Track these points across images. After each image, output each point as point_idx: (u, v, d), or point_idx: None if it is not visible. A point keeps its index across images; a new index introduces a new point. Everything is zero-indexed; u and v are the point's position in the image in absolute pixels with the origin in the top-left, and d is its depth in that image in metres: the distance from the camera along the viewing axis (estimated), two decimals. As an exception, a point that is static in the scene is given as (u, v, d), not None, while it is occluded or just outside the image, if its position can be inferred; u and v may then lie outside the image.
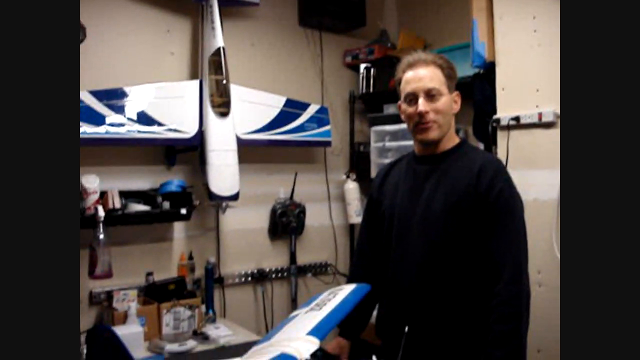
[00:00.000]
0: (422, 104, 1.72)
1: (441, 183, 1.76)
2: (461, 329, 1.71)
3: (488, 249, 1.65)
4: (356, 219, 3.16)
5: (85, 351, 1.63)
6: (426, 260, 1.73)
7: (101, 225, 2.31)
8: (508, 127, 2.39)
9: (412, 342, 1.67)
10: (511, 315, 1.58)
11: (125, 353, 1.48)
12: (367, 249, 1.98)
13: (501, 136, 2.44)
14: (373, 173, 3.06)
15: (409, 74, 1.77)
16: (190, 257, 2.78)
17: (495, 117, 2.46)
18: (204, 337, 2.43)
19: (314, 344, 1.27)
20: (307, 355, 1.21)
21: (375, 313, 1.99)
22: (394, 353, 1.22)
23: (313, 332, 1.35)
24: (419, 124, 1.75)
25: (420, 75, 1.74)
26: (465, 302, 1.71)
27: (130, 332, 2.20)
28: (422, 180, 1.81)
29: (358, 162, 3.30)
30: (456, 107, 1.81)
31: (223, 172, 2.62)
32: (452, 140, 1.81)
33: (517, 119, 2.36)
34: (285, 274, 3.10)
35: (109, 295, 2.52)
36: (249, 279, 3.00)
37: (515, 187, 1.72)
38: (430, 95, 1.73)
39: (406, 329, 1.30)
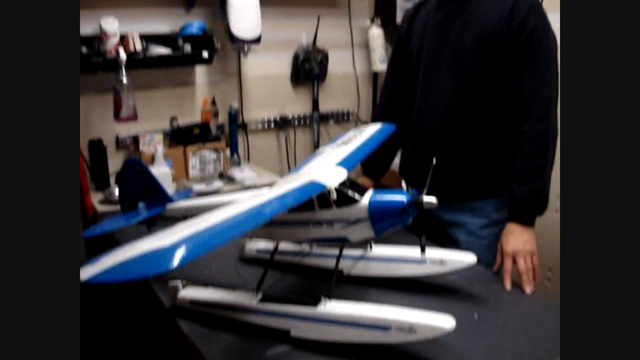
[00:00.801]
0: None
1: (472, 19, 1.67)
2: (487, 166, 1.72)
3: (518, 87, 1.61)
4: (380, 66, 3.09)
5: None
6: (455, 99, 1.70)
7: (123, 68, 2.28)
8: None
9: (438, 177, 1.70)
10: (537, 153, 1.58)
11: (156, 183, 1.52)
12: (393, 89, 1.95)
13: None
14: (399, 18, 2.93)
15: None
16: (213, 103, 2.77)
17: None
18: (230, 179, 2.50)
19: (342, 175, 1.29)
20: (336, 184, 1.23)
21: (399, 154, 2.02)
22: (419, 189, 1.23)
23: (341, 164, 1.37)
24: None
25: None
26: (492, 141, 1.70)
27: (158, 173, 2.25)
28: (452, 16, 1.72)
29: (383, 7, 3.15)
30: None
31: (244, 13, 2.52)
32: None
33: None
34: (307, 120, 3.10)
35: (135, 139, 2.56)
36: (272, 125, 3.01)
37: (550, 25, 1.63)
38: None
39: (434, 160, 1.31)
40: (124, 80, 2.27)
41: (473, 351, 1.16)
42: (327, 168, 1.34)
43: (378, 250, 1.48)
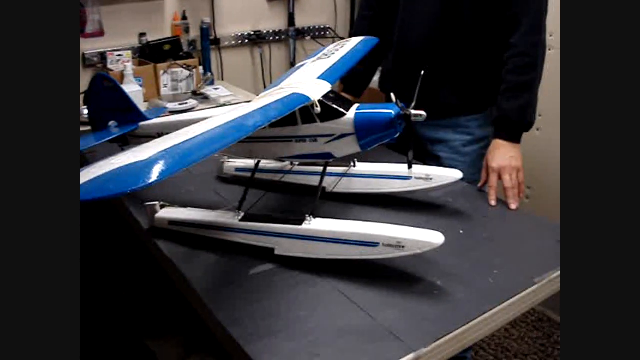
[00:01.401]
0: None
1: None
2: (472, 82, 1.66)
3: None
4: (358, -22, 2.94)
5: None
6: (440, 11, 1.61)
7: (86, -22, 2.12)
8: None
9: (420, 93, 1.64)
10: (527, 66, 1.52)
11: (128, 99, 1.44)
12: (373, 0, 1.84)
13: None
14: None
15: None
16: (184, 17, 2.62)
17: None
18: (204, 97, 2.41)
19: (325, 87, 1.23)
20: (320, 96, 1.17)
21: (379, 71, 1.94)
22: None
23: (324, 77, 1.30)
24: None
25: None
26: (477, 55, 1.63)
27: (129, 91, 2.12)
28: None
29: None
30: None
31: None
32: None
33: None
34: (283, 36, 2.97)
35: (103, 56, 2.42)
36: (246, 41, 2.88)
37: None
38: None
39: (422, 72, 1.24)
40: (88, -9, 2.11)
41: (460, 267, 1.15)
42: (309, 81, 1.27)
43: (362, 166, 1.44)
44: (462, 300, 1.05)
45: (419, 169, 1.38)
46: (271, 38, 2.94)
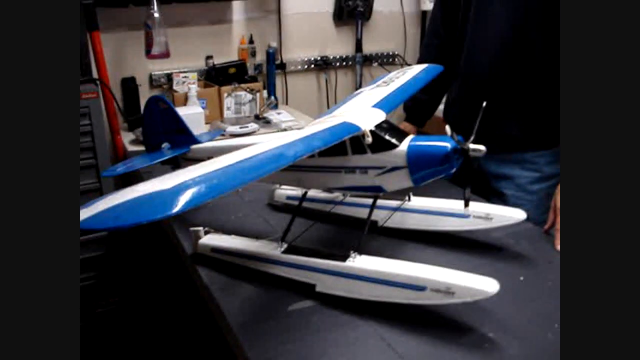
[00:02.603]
0: None
1: None
2: (541, 114, 1.56)
3: None
4: (429, 5, 2.87)
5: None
6: (509, 36, 1.52)
7: (155, 1, 2.17)
8: None
9: (485, 125, 1.55)
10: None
11: (181, 122, 1.43)
12: (440, 27, 1.77)
13: None
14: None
15: None
16: (251, 41, 2.64)
17: None
18: (266, 122, 2.39)
19: (379, 117, 1.16)
20: (372, 127, 1.11)
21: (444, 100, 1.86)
22: (465, 136, 1.09)
23: (379, 105, 1.23)
24: None
25: None
26: (548, 85, 1.53)
27: (191, 113, 2.17)
28: None
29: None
30: None
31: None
32: None
33: None
34: (350, 62, 2.93)
35: (169, 77, 2.47)
36: (312, 66, 2.87)
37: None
38: None
39: (484, 103, 1.16)
40: (156, 14, 2.16)
41: (516, 318, 1.04)
42: (362, 109, 1.21)
43: (417, 201, 1.35)
44: (515, 357, 0.94)
45: (478, 207, 1.28)
46: (338, 64, 2.91)
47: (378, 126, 1.12)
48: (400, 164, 1.09)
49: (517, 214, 1.26)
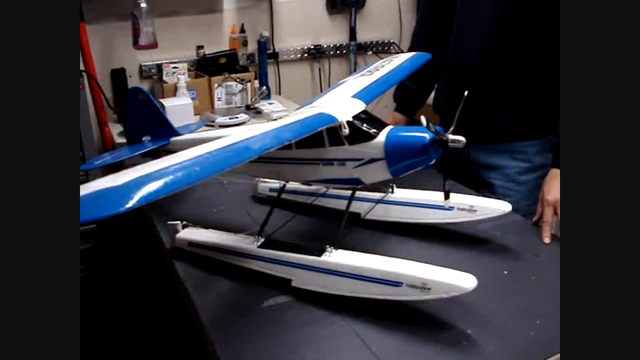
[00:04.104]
0: None
1: None
2: (531, 104, 1.52)
3: None
4: (425, -9, 2.82)
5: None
6: (498, 25, 1.48)
7: (142, -10, 2.14)
8: None
9: (474, 114, 1.51)
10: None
11: (160, 113, 1.40)
12: (430, 13, 1.73)
13: None
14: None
15: None
16: (242, 30, 2.60)
17: None
18: (257, 112, 2.36)
19: (358, 107, 1.13)
20: (349, 117, 1.07)
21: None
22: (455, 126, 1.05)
23: (359, 95, 1.20)
24: None
25: None
26: (538, 74, 1.49)
27: (179, 104, 2.14)
28: None
29: None
30: None
31: None
32: None
33: None
34: (344, 51, 2.89)
35: (159, 68, 2.44)
36: (305, 55, 2.83)
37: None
38: None
39: (465, 93, 1.12)
40: (142, 4, 2.13)
41: (497, 314, 1.01)
42: (341, 100, 1.18)
43: (400, 193, 1.32)
44: (493, 355, 0.91)
45: (462, 199, 1.25)
46: (331, 52, 2.87)
47: (356, 117, 1.09)
48: (378, 156, 1.06)
49: (501, 206, 1.23)
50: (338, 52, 2.88)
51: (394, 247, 1.25)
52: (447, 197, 1.09)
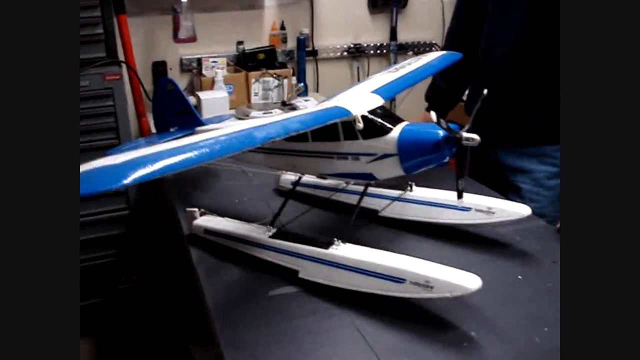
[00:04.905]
0: None
1: None
2: (558, 110, 1.47)
3: None
4: (470, -7, 2.77)
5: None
6: (527, 27, 1.45)
7: (185, -13, 2.19)
8: None
9: (503, 117, 1.49)
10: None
11: (187, 104, 1.44)
12: (464, 13, 1.71)
13: None
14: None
15: None
16: (282, 27, 2.63)
17: None
18: (292, 108, 2.37)
19: (375, 102, 1.12)
20: (364, 112, 1.07)
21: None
22: (483, 129, 1.03)
23: (379, 91, 1.20)
24: None
25: None
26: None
27: (215, 97, 2.18)
28: None
29: None
30: None
31: None
32: None
33: None
34: (384, 50, 2.87)
35: (199, 62, 2.49)
36: (345, 53, 2.83)
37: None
38: None
39: (485, 91, 1.10)
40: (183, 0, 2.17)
41: (505, 317, 0.99)
42: (360, 94, 1.17)
43: (419, 191, 1.31)
44: (494, 358, 0.89)
45: (480, 200, 1.23)
46: (372, 52, 2.85)
47: (372, 112, 1.08)
48: (391, 151, 1.05)
49: (521, 210, 1.20)
50: (378, 51, 2.87)
51: (408, 246, 1.24)
52: (460, 196, 1.07)
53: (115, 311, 2.24)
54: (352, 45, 2.82)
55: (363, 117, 1.06)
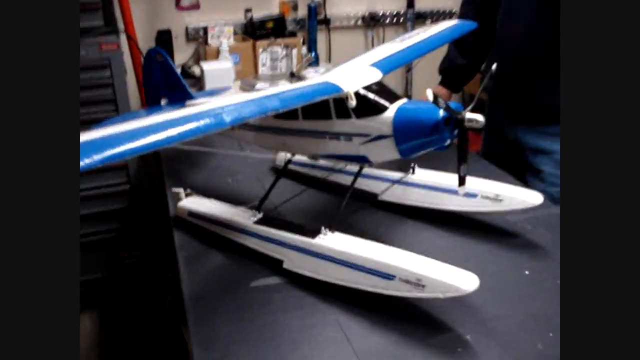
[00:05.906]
0: None
1: None
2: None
3: None
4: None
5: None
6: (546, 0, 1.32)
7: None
8: None
9: (523, 93, 1.37)
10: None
11: (177, 76, 1.35)
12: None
13: None
14: None
15: None
16: (294, -6, 2.50)
17: None
18: (300, 79, 2.26)
19: (372, 77, 1.02)
20: (358, 88, 0.97)
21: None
22: (505, 108, 0.93)
23: (379, 64, 1.09)
24: None
25: None
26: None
27: (218, 68, 2.08)
28: None
29: None
30: None
31: None
32: None
33: None
34: (401, 19, 2.73)
35: (205, 31, 2.38)
36: (359, 22, 2.69)
37: None
38: None
39: (494, 66, 0.99)
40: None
41: (506, 318, 0.90)
42: (357, 68, 1.07)
43: (421, 174, 1.21)
44: (489, 367, 0.81)
45: (487, 186, 1.12)
46: (387, 20, 2.71)
47: (367, 87, 0.98)
48: (386, 132, 0.95)
49: (532, 198, 1.09)
50: (395, 20, 2.72)
51: (408, 233, 1.15)
52: (462, 182, 0.96)
53: (117, 286, 2.20)
54: (367, 14, 2.68)
55: (356, 93, 0.96)
